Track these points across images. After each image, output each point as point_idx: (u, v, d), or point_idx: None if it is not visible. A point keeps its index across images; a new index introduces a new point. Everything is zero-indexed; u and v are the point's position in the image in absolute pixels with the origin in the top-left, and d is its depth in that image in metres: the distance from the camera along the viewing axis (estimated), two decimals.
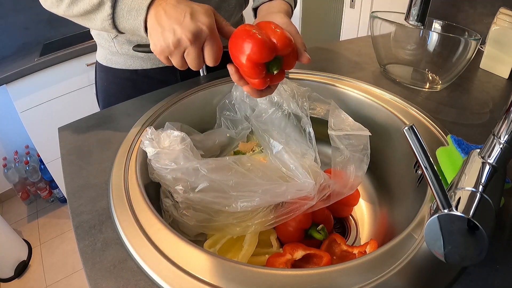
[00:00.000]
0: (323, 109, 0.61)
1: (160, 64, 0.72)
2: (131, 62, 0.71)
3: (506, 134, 0.29)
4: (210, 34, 0.41)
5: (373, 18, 0.71)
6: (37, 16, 1.70)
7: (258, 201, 0.42)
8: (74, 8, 0.49)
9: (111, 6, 0.46)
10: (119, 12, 0.47)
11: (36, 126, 1.55)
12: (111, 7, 0.46)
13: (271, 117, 0.59)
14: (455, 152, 0.41)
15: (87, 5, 0.48)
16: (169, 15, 0.42)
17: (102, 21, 0.48)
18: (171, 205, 0.46)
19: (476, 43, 0.59)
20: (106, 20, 0.47)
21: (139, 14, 0.45)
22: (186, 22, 0.40)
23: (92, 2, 0.47)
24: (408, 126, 0.27)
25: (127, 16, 0.46)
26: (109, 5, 0.46)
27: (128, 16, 0.46)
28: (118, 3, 0.46)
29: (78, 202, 0.43)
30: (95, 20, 0.49)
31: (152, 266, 0.34)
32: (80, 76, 1.58)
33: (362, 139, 0.50)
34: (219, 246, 0.45)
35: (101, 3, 0.47)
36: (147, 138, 0.49)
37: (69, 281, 1.49)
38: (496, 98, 0.64)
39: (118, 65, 0.72)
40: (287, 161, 0.49)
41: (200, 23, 0.41)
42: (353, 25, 1.53)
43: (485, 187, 0.29)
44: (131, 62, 0.71)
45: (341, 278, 0.32)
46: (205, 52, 0.42)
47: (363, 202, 0.60)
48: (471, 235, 0.27)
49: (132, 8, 0.45)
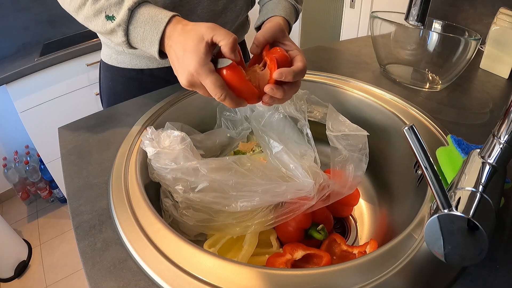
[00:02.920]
0: (321, 112, 0.61)
1: (165, 64, 0.71)
2: (137, 62, 0.71)
3: (506, 134, 0.29)
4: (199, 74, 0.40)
5: (373, 18, 0.71)
6: (37, 16, 1.70)
7: (258, 201, 0.42)
8: (89, 25, 0.50)
9: (124, 35, 0.47)
10: (133, 40, 0.47)
11: (36, 126, 1.55)
12: (124, 36, 0.47)
13: (270, 119, 0.59)
14: (455, 152, 0.41)
15: (100, 28, 0.49)
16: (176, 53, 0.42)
17: (118, 44, 0.49)
18: (171, 205, 0.46)
19: (476, 43, 0.59)
20: (122, 44, 0.48)
21: (152, 45, 0.46)
22: (180, 62, 0.41)
23: (104, 27, 0.48)
24: (408, 126, 0.27)
25: (142, 44, 0.47)
26: (122, 34, 0.47)
27: (142, 44, 0.47)
28: (130, 33, 0.47)
29: (78, 202, 0.43)
30: (111, 40, 0.50)
31: (152, 266, 0.34)
32: (80, 76, 1.58)
33: (360, 138, 0.50)
34: (219, 246, 0.44)
35: (113, 31, 0.47)
36: (147, 138, 0.49)
37: (69, 281, 1.49)
38: (496, 98, 0.64)
39: (123, 64, 0.72)
40: (286, 161, 0.49)
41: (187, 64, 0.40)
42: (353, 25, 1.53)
43: (485, 187, 0.29)
44: (137, 62, 0.71)
45: (341, 278, 0.32)
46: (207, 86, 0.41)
47: (363, 202, 0.60)
48: (471, 235, 0.27)
49: (144, 38, 0.46)
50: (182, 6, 0.63)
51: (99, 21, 0.48)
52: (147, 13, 0.45)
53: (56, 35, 1.78)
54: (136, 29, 0.46)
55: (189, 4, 0.63)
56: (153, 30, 0.45)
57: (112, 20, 0.47)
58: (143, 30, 0.45)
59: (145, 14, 0.45)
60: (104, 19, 0.47)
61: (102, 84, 0.79)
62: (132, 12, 0.46)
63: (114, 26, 0.47)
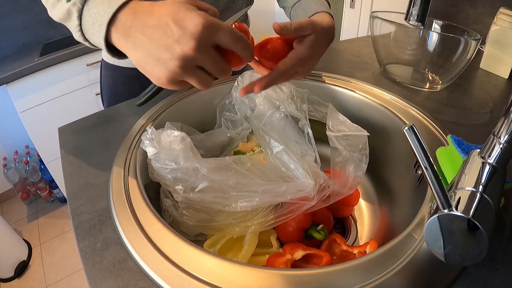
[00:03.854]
0: (321, 112, 0.61)
1: None
2: None
3: (506, 134, 0.29)
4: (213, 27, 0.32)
5: (373, 18, 0.71)
6: (37, 16, 1.70)
7: (258, 201, 0.42)
8: (54, 13, 0.44)
9: (78, 16, 0.39)
10: (84, 25, 0.39)
11: (36, 126, 1.55)
12: (77, 18, 0.39)
13: (270, 119, 0.59)
14: (455, 152, 0.41)
15: (60, 13, 0.41)
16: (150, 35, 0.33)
17: (74, 32, 0.41)
18: (171, 205, 0.46)
19: (476, 43, 0.59)
20: (76, 32, 0.41)
21: (100, 31, 0.37)
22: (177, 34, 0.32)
23: (63, 9, 0.40)
24: (408, 126, 0.27)
25: (92, 31, 0.38)
26: (76, 16, 0.39)
27: (92, 31, 0.38)
28: (84, 15, 0.39)
29: (78, 202, 0.43)
30: (71, 30, 0.42)
31: (152, 266, 0.34)
32: (80, 76, 1.58)
33: (360, 139, 0.50)
34: (219, 246, 0.45)
35: (69, 12, 0.40)
36: (147, 138, 0.49)
37: (69, 281, 1.49)
38: (496, 98, 0.64)
39: (125, 64, 0.72)
40: (287, 161, 0.49)
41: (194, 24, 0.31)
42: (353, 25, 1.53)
43: (485, 187, 0.29)
44: None
45: (341, 278, 0.32)
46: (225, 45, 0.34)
47: (363, 202, 0.60)
48: (471, 235, 0.27)
49: (95, 21, 0.37)
50: None
51: (60, 4, 0.41)
52: None
53: (56, 35, 1.78)
54: (90, 10, 0.38)
55: None
56: (105, 10, 0.36)
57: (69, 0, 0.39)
58: (96, 11, 0.37)
59: None
60: (64, 1, 0.40)
61: (103, 83, 0.79)
62: None
63: (70, 6, 0.39)
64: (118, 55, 0.40)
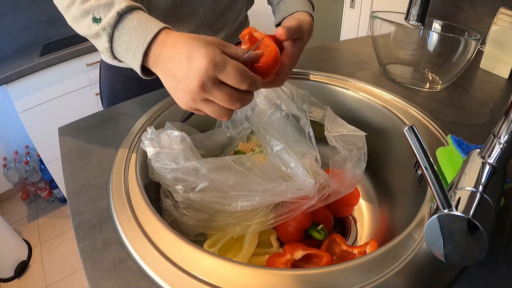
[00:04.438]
0: (320, 113, 0.61)
1: None
2: None
3: (506, 134, 0.29)
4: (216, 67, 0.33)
5: (373, 18, 0.71)
6: (37, 16, 1.70)
7: (258, 200, 0.42)
8: (76, 27, 0.46)
9: (108, 41, 0.41)
10: (116, 48, 0.42)
11: (36, 126, 1.55)
12: (108, 42, 0.41)
13: (271, 118, 0.59)
14: (455, 152, 0.41)
15: (86, 30, 0.44)
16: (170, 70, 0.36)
17: (102, 50, 0.44)
18: (171, 205, 0.46)
19: (476, 43, 0.59)
20: (105, 51, 0.43)
21: (135, 58, 0.40)
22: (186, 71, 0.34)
23: (90, 29, 0.43)
24: (408, 126, 0.27)
25: (125, 55, 0.41)
26: (106, 39, 0.41)
27: (125, 55, 0.41)
28: (115, 40, 0.41)
29: (78, 202, 0.43)
30: (95, 45, 0.45)
31: (152, 266, 0.34)
32: (80, 76, 1.58)
33: (359, 138, 0.51)
34: (219, 246, 0.45)
35: (98, 34, 0.42)
36: (147, 137, 0.49)
37: (69, 281, 1.49)
38: (496, 98, 0.64)
39: (124, 64, 0.72)
40: (287, 159, 0.49)
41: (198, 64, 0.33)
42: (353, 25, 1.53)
43: (485, 187, 0.29)
44: None
45: (341, 278, 0.32)
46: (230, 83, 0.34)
47: (363, 202, 0.60)
48: (471, 235, 0.27)
49: (128, 48, 0.40)
50: (184, 7, 0.63)
51: (86, 23, 0.43)
52: (137, 20, 0.40)
53: (56, 35, 1.78)
54: (121, 36, 0.40)
55: (191, 4, 0.63)
56: (138, 40, 0.39)
57: (98, 22, 0.42)
58: (128, 39, 0.40)
59: (134, 21, 0.40)
60: (90, 21, 0.43)
61: (103, 83, 0.79)
62: (121, 16, 0.40)
63: (99, 30, 0.41)
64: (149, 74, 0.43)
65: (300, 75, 0.70)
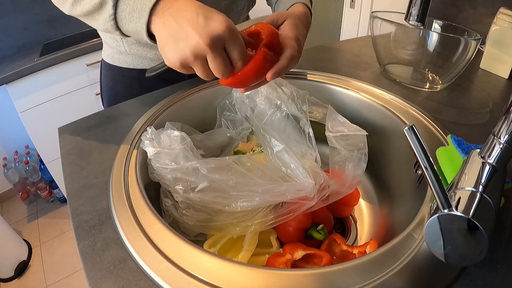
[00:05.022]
0: (321, 113, 0.61)
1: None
2: (139, 62, 0.71)
3: (506, 134, 0.29)
4: (230, 34, 0.36)
5: (373, 18, 0.71)
6: (37, 16, 1.70)
7: (258, 201, 0.42)
8: (77, 8, 0.47)
9: (113, 5, 0.43)
10: (121, 13, 0.43)
11: (36, 126, 1.55)
12: (112, 7, 0.43)
13: (271, 118, 0.59)
14: (455, 152, 0.41)
15: (89, 5, 0.45)
16: (179, 21, 0.37)
17: (104, 22, 0.45)
18: (171, 205, 0.46)
19: (476, 43, 0.59)
20: (108, 21, 0.45)
21: (141, 17, 0.41)
22: (201, 24, 0.36)
23: (93, 1, 0.44)
24: (408, 126, 0.27)
25: (129, 18, 0.43)
26: (110, 5, 0.43)
27: (130, 18, 0.43)
28: (120, 3, 0.43)
29: (78, 202, 0.43)
30: (98, 21, 0.47)
31: (152, 266, 0.34)
32: (80, 76, 1.58)
33: (359, 138, 0.50)
34: (219, 246, 0.45)
35: (102, 3, 0.44)
36: (147, 137, 0.49)
37: (69, 281, 1.49)
38: (496, 98, 0.64)
39: (125, 64, 0.72)
40: (287, 160, 0.49)
41: (217, 22, 0.36)
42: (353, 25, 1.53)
43: (485, 187, 0.29)
44: (139, 62, 0.71)
45: (341, 278, 0.32)
46: (230, 54, 0.38)
47: (363, 202, 0.60)
48: (471, 235, 0.27)
49: (134, 9, 0.42)
50: None
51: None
52: None
53: (56, 35, 1.78)
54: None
55: None
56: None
57: None
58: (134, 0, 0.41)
59: None
60: None
61: (103, 83, 0.79)
62: None
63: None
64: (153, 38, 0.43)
65: (300, 75, 0.70)
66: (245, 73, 0.40)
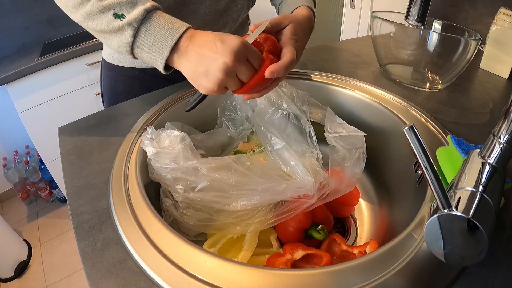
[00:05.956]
0: (320, 114, 0.61)
1: None
2: (140, 61, 0.71)
3: (506, 134, 0.29)
4: (246, 46, 0.41)
5: (373, 18, 0.71)
6: (37, 16, 1.70)
7: (258, 199, 0.42)
8: (90, 23, 0.48)
9: (133, 35, 0.45)
10: (140, 43, 0.45)
11: (36, 126, 1.55)
12: (132, 36, 0.45)
13: (271, 117, 0.59)
14: (455, 152, 0.41)
15: (104, 26, 0.46)
16: (201, 52, 0.42)
17: (119, 45, 0.47)
18: (171, 205, 0.46)
19: (476, 43, 0.59)
20: (125, 46, 0.46)
21: (161, 52, 0.44)
22: (221, 49, 0.40)
23: (111, 24, 0.45)
24: (408, 126, 0.27)
25: (148, 50, 0.45)
26: (130, 34, 0.45)
27: (148, 50, 0.45)
28: (140, 34, 0.45)
29: (78, 202, 0.43)
30: (110, 40, 0.48)
31: (152, 266, 0.34)
32: (80, 76, 1.58)
33: (358, 138, 0.51)
34: (219, 246, 0.45)
35: (121, 29, 0.45)
36: (147, 137, 0.49)
37: (69, 281, 1.49)
38: (496, 98, 0.64)
39: (126, 64, 0.72)
40: (287, 158, 0.49)
41: (232, 41, 0.41)
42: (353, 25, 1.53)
43: (485, 187, 0.29)
44: (139, 61, 0.71)
45: (341, 278, 0.32)
46: (251, 62, 0.42)
47: (363, 202, 0.60)
48: (471, 235, 0.27)
49: (154, 43, 0.44)
50: (185, 6, 0.63)
51: (105, 19, 0.46)
52: (164, 18, 0.45)
53: (56, 35, 1.78)
54: (147, 32, 0.44)
55: (192, 3, 0.63)
56: (167, 36, 0.44)
57: (121, 18, 0.45)
58: (155, 34, 0.44)
59: (161, 19, 0.44)
60: (111, 17, 0.45)
61: (104, 83, 0.79)
62: (148, 13, 0.44)
63: (123, 25, 0.45)
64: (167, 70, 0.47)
65: (300, 75, 0.70)
66: (258, 78, 0.43)
